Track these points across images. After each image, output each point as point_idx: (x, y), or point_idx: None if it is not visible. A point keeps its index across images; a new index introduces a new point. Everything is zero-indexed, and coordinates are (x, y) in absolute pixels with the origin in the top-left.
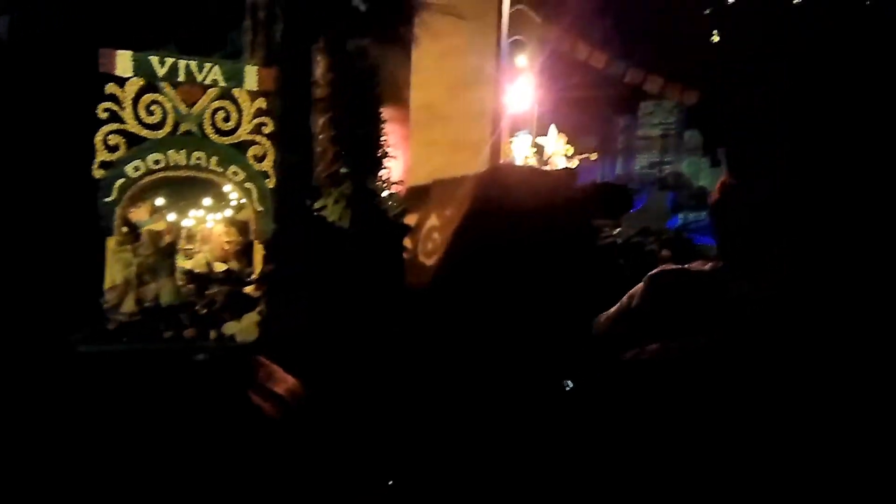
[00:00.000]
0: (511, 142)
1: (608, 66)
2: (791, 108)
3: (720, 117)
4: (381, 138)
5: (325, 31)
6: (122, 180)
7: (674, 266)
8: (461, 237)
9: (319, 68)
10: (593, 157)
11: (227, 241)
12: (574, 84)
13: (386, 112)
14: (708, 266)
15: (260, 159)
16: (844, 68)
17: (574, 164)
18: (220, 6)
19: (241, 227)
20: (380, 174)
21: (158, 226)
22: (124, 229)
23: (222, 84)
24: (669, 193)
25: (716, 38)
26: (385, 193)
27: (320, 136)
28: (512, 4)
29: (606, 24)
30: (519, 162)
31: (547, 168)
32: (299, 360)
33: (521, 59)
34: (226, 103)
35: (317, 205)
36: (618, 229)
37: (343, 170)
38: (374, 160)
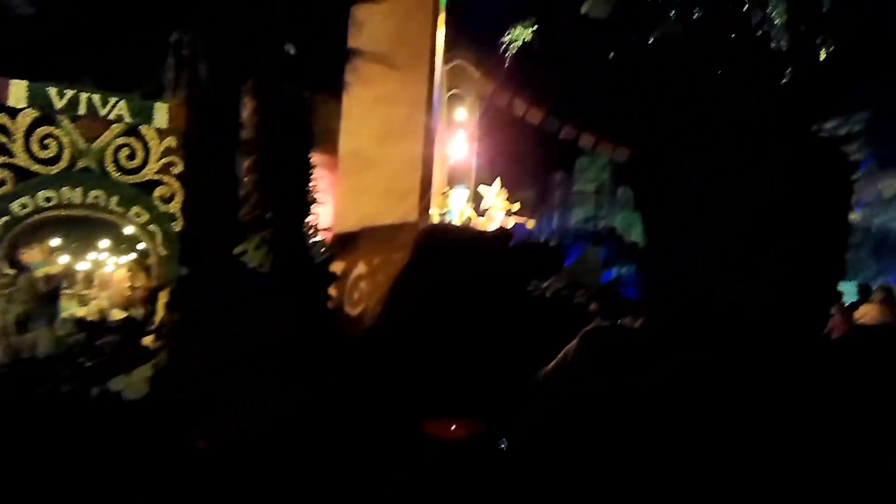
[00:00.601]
0: (448, 193)
1: (544, 122)
2: (788, 111)
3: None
4: (309, 183)
5: (253, 72)
6: (5, 218)
7: (605, 323)
8: (396, 295)
9: (246, 110)
10: (530, 224)
11: (130, 287)
12: (512, 138)
13: (315, 157)
14: (638, 322)
15: (167, 200)
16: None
17: (510, 220)
18: (144, 42)
19: (148, 271)
20: (306, 220)
21: (52, 269)
22: (10, 271)
23: (128, 120)
24: (602, 248)
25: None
26: (311, 240)
27: (245, 179)
28: (451, 59)
29: (542, 82)
30: (456, 213)
31: (483, 220)
32: (202, 415)
33: (460, 113)
34: (131, 140)
35: (237, 249)
36: (546, 283)
37: (268, 214)
38: (300, 205)
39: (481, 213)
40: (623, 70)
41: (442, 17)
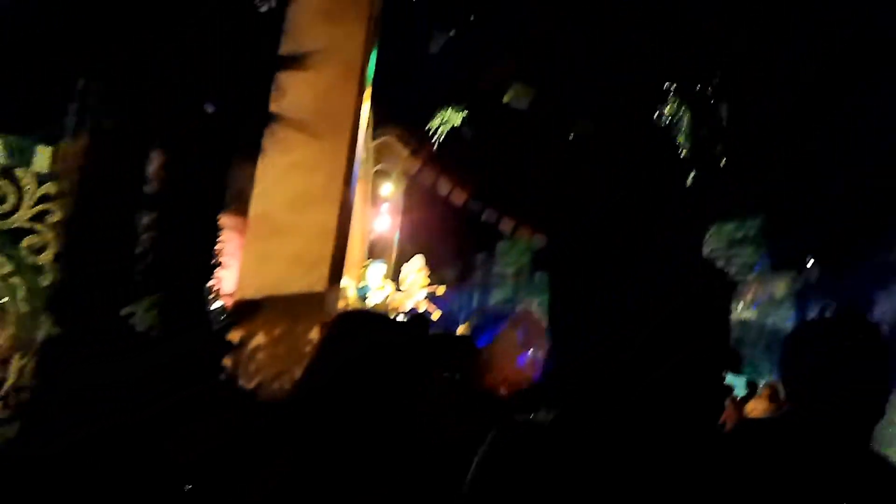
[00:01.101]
0: (367, 266)
1: (467, 203)
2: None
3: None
4: (214, 246)
5: (165, 127)
6: None
7: (518, 419)
8: (304, 381)
9: (154, 164)
10: (440, 290)
11: None
12: (435, 216)
13: (224, 219)
14: (551, 415)
15: (37, 251)
16: None
17: (425, 300)
18: (48, 87)
19: (6, 328)
20: (207, 284)
21: None
22: None
23: (1, 161)
24: (519, 331)
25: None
26: (211, 305)
27: (143, 236)
28: (379, 135)
29: (467, 165)
30: (373, 288)
31: (401, 296)
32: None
33: (386, 188)
34: (3, 183)
35: (125, 310)
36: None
37: (165, 275)
38: (202, 268)
39: (399, 290)
40: (542, 160)
41: (368, 92)
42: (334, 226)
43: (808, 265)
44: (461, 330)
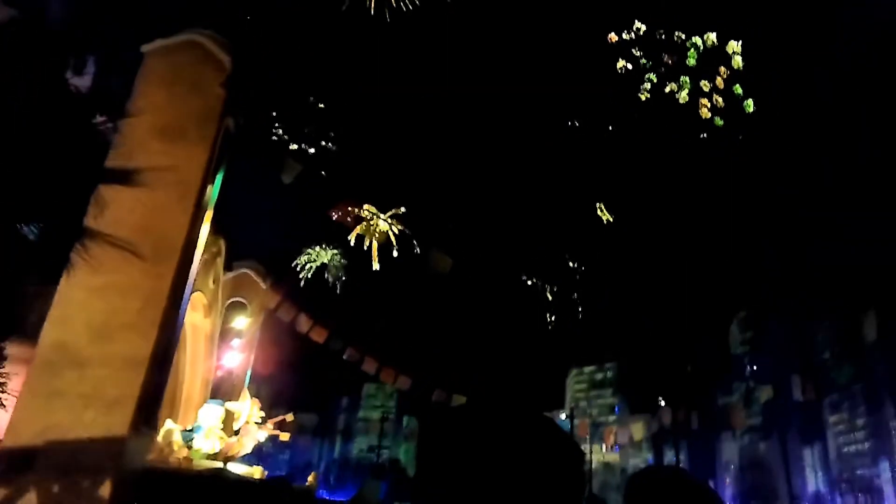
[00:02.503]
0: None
1: (328, 341)
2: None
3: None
4: None
5: None
6: None
7: None
8: None
9: None
10: (289, 418)
11: None
12: (294, 354)
13: (10, 349)
14: None
15: None
16: None
17: (269, 430)
18: None
19: None
20: None
21: None
22: None
23: None
24: (382, 483)
25: None
26: None
27: None
28: (236, 267)
29: (331, 303)
30: (203, 431)
31: (237, 438)
32: None
33: (240, 321)
34: None
35: None
36: None
37: None
38: None
39: (235, 432)
40: (410, 300)
41: (209, 215)
42: (146, 358)
43: (661, 407)
44: (309, 481)
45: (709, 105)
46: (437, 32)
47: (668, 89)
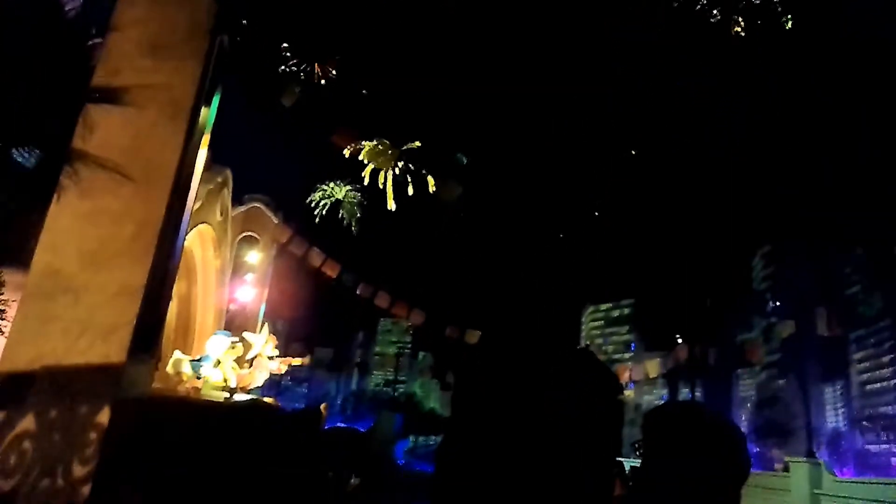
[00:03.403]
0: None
1: (340, 276)
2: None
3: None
4: None
5: None
6: None
7: None
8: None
9: None
10: (297, 361)
11: None
12: (309, 290)
13: None
14: None
15: None
16: None
17: (280, 367)
18: None
19: None
20: None
21: None
22: None
23: None
24: (398, 415)
25: None
26: None
27: None
28: (247, 201)
29: (344, 238)
30: (211, 362)
31: (250, 370)
32: None
33: (252, 256)
34: None
35: None
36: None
37: None
38: None
39: (248, 363)
40: (423, 236)
41: (206, 139)
42: (141, 285)
43: (678, 344)
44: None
45: (742, 23)
46: None
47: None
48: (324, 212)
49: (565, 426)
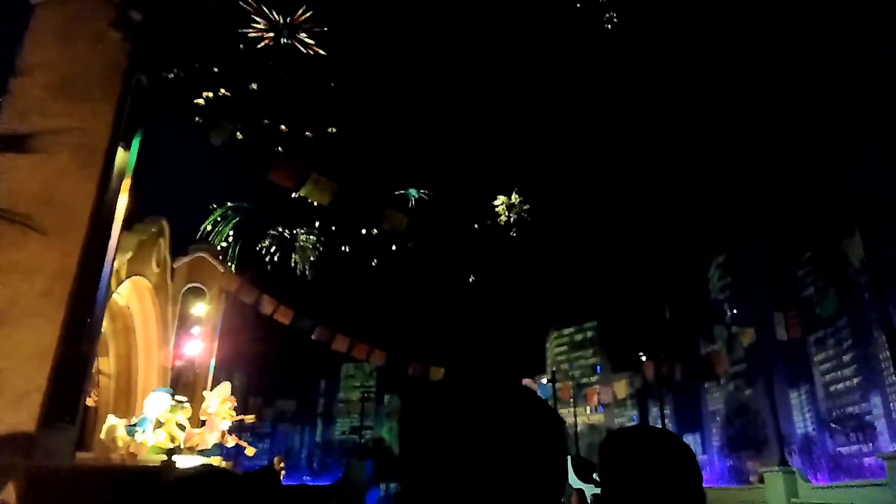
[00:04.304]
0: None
1: (294, 321)
2: None
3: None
4: None
5: None
6: None
7: None
8: None
9: None
10: (250, 419)
11: None
12: (264, 339)
13: None
14: None
15: None
16: None
17: (230, 439)
18: None
19: None
20: None
21: None
22: None
23: None
24: (368, 462)
25: None
26: None
27: None
28: (193, 251)
29: (295, 282)
30: (149, 423)
31: (201, 431)
32: None
33: (199, 308)
34: None
35: None
36: None
37: None
38: None
39: (202, 423)
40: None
41: (127, 183)
42: (52, 346)
43: (643, 362)
44: (276, 464)
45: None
46: None
47: None
48: (275, 258)
49: (509, 464)
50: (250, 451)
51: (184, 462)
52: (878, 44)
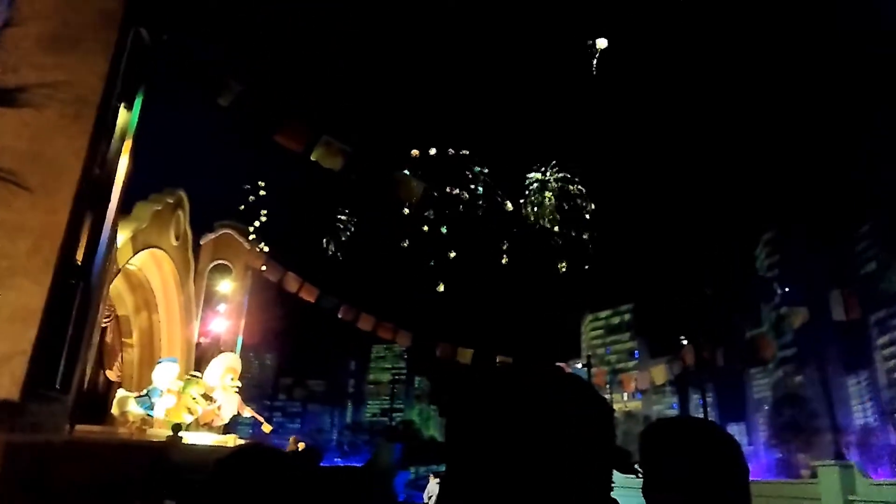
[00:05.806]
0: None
1: (319, 300)
2: None
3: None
4: None
5: None
6: None
7: None
8: None
9: None
10: (267, 429)
11: None
12: (291, 317)
13: None
14: None
15: None
16: None
17: (245, 409)
18: None
19: None
20: None
21: None
22: None
23: None
24: (396, 445)
25: None
26: None
27: None
28: (218, 227)
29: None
30: (159, 393)
31: (212, 407)
32: None
33: (225, 285)
34: None
35: None
36: None
37: None
38: None
39: (208, 397)
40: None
41: (128, 145)
42: (38, 308)
43: (683, 346)
44: (291, 444)
45: None
46: None
47: None
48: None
49: (559, 454)
50: (267, 427)
51: (195, 439)
52: None
